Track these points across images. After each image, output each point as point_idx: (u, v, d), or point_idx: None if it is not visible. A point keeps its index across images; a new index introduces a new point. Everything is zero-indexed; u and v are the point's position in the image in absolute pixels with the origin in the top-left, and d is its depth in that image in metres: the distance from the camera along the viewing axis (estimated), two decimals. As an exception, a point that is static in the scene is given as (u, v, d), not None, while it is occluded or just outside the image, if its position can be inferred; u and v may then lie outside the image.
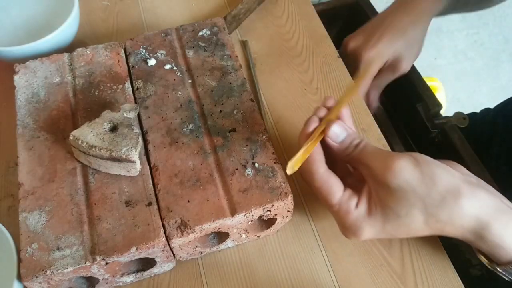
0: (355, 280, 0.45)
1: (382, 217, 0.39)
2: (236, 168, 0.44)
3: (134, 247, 0.39)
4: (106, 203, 0.42)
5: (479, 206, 0.37)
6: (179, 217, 0.41)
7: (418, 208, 0.37)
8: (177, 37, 0.54)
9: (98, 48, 0.53)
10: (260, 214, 0.42)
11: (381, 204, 0.38)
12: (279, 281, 0.45)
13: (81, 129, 0.43)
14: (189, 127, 0.47)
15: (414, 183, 0.37)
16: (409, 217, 0.38)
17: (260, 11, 0.66)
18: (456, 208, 0.36)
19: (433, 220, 0.37)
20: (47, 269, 0.38)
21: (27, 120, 0.47)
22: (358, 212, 0.39)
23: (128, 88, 0.50)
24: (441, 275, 0.45)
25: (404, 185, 0.37)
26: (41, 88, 0.49)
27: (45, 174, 0.44)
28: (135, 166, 0.43)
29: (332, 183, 0.40)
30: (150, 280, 0.46)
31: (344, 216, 0.40)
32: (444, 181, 0.37)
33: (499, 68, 1.64)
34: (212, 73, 0.51)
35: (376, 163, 0.39)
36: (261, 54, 0.62)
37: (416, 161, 0.37)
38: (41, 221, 0.41)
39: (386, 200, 0.38)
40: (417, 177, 0.37)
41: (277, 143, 0.54)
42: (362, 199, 0.40)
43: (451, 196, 0.36)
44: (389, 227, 0.39)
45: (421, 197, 0.37)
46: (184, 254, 0.44)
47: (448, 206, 0.37)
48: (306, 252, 0.47)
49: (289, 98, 0.58)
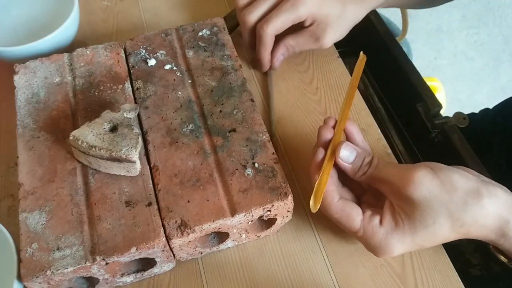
0: (355, 280, 0.45)
1: (410, 230, 0.39)
2: (236, 168, 0.44)
3: (134, 247, 0.39)
4: (106, 203, 0.42)
5: (499, 204, 0.38)
6: (179, 217, 0.41)
7: (443, 216, 0.38)
8: (177, 37, 0.54)
9: (98, 48, 0.53)
10: (260, 214, 0.42)
11: (407, 217, 0.39)
12: (279, 281, 0.45)
13: (81, 129, 0.43)
14: (189, 127, 0.47)
15: (436, 192, 0.37)
16: (436, 225, 0.38)
17: (260, 11, 0.66)
18: (478, 209, 0.37)
19: (459, 224, 0.38)
20: (47, 269, 0.38)
21: (27, 120, 0.47)
22: (384, 230, 0.39)
23: (128, 88, 0.50)
24: (441, 275, 0.45)
25: (427, 195, 0.37)
26: (41, 88, 0.49)
27: (45, 174, 0.44)
28: (135, 166, 0.43)
29: (350, 210, 0.41)
30: (150, 280, 0.46)
31: (371, 237, 0.40)
32: (463, 185, 0.38)
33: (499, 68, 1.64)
34: (212, 73, 0.51)
35: (395, 179, 0.39)
36: (261, 54, 0.62)
37: (433, 170, 0.38)
38: (41, 221, 0.41)
39: (411, 213, 0.38)
40: (437, 185, 0.38)
41: (277, 143, 0.54)
42: (385, 216, 0.40)
43: (472, 198, 0.37)
44: (418, 238, 0.39)
45: (444, 204, 0.37)
46: (184, 254, 0.44)
47: (471, 208, 0.37)
48: (306, 252, 0.47)
49: (289, 98, 0.58)
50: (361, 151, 0.42)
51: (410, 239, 0.39)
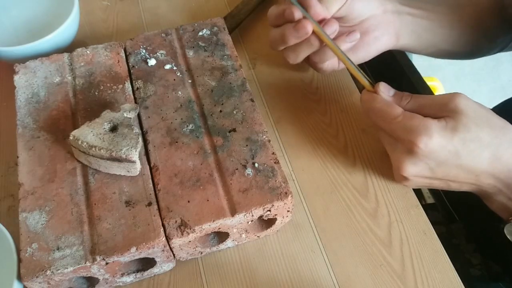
0: (355, 280, 0.45)
1: (452, 129, 0.40)
2: (236, 168, 0.44)
3: (134, 247, 0.39)
4: (106, 203, 0.42)
5: None
6: (179, 217, 0.41)
7: (485, 130, 0.40)
8: (177, 37, 0.54)
9: (98, 48, 0.53)
10: (260, 214, 0.42)
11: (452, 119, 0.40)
12: (279, 281, 0.45)
13: (81, 129, 0.43)
14: (189, 127, 0.47)
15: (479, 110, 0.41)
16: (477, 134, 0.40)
17: (260, 11, 0.66)
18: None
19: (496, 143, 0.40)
20: (47, 269, 0.38)
21: (27, 120, 0.47)
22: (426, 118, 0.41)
23: (128, 88, 0.50)
24: (441, 275, 0.45)
25: (472, 108, 0.40)
26: (41, 88, 0.49)
27: (45, 174, 0.44)
28: (135, 166, 0.43)
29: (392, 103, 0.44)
30: (150, 280, 0.46)
31: (412, 118, 0.41)
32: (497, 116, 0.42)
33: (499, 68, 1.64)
34: (212, 73, 0.51)
35: (440, 96, 0.42)
36: (261, 54, 0.62)
37: None
38: (41, 221, 0.41)
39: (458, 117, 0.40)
40: (480, 107, 0.41)
41: (277, 143, 0.54)
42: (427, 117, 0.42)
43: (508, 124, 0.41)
44: (457, 140, 0.40)
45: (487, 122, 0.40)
46: (184, 254, 0.44)
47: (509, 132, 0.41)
48: (306, 252, 0.47)
49: (289, 98, 0.58)
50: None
51: (450, 134, 0.40)
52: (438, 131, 0.40)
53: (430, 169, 0.42)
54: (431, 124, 0.40)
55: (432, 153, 0.40)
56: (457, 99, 0.40)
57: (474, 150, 0.40)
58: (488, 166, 0.40)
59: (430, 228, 0.48)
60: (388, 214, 0.49)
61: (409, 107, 0.43)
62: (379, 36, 0.52)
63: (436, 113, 0.41)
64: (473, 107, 0.40)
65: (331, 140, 0.54)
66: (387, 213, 0.49)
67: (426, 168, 0.42)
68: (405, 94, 0.44)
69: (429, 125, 0.40)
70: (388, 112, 0.43)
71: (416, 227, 0.48)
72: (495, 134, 0.40)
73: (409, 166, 0.42)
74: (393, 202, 0.49)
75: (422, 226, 0.48)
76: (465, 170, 0.41)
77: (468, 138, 0.40)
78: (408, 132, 0.41)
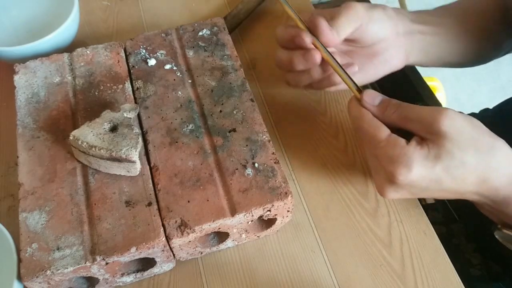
0: (355, 280, 0.45)
1: (434, 157, 0.38)
2: (236, 168, 0.44)
3: (134, 247, 0.39)
4: (106, 203, 0.42)
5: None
6: (179, 217, 0.41)
7: (470, 153, 0.38)
8: (177, 37, 0.54)
9: (98, 48, 0.53)
10: (260, 214, 0.42)
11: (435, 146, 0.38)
12: (279, 281, 0.45)
13: (81, 129, 0.43)
14: (189, 127, 0.47)
15: (467, 129, 0.38)
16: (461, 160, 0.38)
17: (260, 11, 0.66)
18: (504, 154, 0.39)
19: (482, 166, 0.38)
20: (47, 269, 0.38)
21: (27, 120, 0.47)
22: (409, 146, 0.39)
23: (128, 88, 0.50)
24: (441, 275, 0.45)
25: (459, 130, 0.38)
26: (41, 88, 0.49)
27: (45, 174, 0.44)
28: (135, 166, 0.43)
29: (380, 124, 0.41)
30: (150, 280, 0.46)
31: (394, 146, 0.39)
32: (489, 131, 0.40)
33: (499, 68, 1.64)
34: (212, 73, 0.51)
35: (426, 115, 0.39)
36: (261, 54, 0.62)
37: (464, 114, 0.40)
38: (41, 221, 0.41)
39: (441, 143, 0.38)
40: (468, 125, 0.39)
41: (277, 143, 0.54)
42: (412, 141, 0.40)
43: (498, 143, 0.39)
44: (439, 168, 0.38)
45: (474, 143, 0.38)
46: (184, 254, 0.44)
47: (497, 153, 0.39)
48: (306, 252, 0.47)
49: (289, 98, 0.58)
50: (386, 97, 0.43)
51: (432, 164, 0.38)
52: (419, 161, 0.38)
53: (412, 194, 0.41)
54: (412, 154, 0.38)
55: (413, 182, 0.39)
56: (441, 119, 0.38)
57: (458, 176, 0.39)
58: (474, 188, 0.39)
59: (430, 228, 0.48)
60: (388, 214, 0.49)
61: (395, 118, 0.41)
62: (388, 58, 0.50)
63: (420, 130, 0.40)
64: (458, 128, 0.38)
65: (331, 140, 0.54)
66: (387, 213, 0.49)
67: (408, 194, 0.41)
68: (391, 103, 0.42)
69: (410, 155, 0.38)
70: (373, 135, 0.41)
71: (416, 227, 0.48)
72: (482, 157, 0.38)
73: (390, 192, 0.41)
74: (393, 202, 0.49)
75: (422, 226, 0.48)
76: (450, 192, 0.40)
77: (452, 165, 0.38)
78: (389, 161, 0.39)
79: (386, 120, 0.42)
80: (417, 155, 0.38)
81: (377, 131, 0.41)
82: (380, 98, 0.43)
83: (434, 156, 0.38)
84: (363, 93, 0.43)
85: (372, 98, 0.43)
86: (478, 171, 0.38)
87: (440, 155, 0.38)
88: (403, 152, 0.39)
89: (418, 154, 0.38)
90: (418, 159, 0.38)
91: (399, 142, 0.39)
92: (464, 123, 0.38)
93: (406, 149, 0.39)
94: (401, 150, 0.39)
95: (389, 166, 0.39)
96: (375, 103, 0.42)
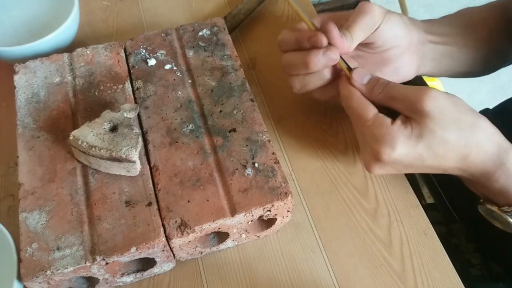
0: (355, 280, 0.45)
1: (417, 136, 0.40)
2: (236, 168, 0.44)
3: (134, 247, 0.39)
4: (106, 203, 0.42)
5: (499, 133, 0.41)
6: (179, 217, 0.41)
7: (451, 131, 0.39)
8: (177, 37, 0.54)
9: (98, 48, 0.53)
10: (260, 214, 0.42)
11: (418, 125, 0.40)
12: (279, 281, 0.45)
13: (81, 129, 0.43)
14: (189, 127, 0.47)
15: (449, 108, 0.40)
16: (442, 138, 0.39)
17: (260, 11, 0.66)
18: (483, 132, 0.40)
19: (463, 143, 0.40)
20: (47, 269, 0.38)
21: (27, 120, 0.47)
22: (393, 126, 0.41)
23: (128, 88, 0.50)
24: (441, 275, 0.45)
25: (441, 109, 0.39)
26: (41, 88, 0.49)
27: (45, 174, 0.44)
28: (135, 166, 0.43)
29: (368, 103, 0.43)
30: (150, 280, 0.46)
31: (379, 126, 0.41)
32: (471, 109, 0.41)
33: (499, 68, 1.63)
34: (212, 73, 0.51)
35: (410, 94, 0.41)
36: (261, 54, 0.62)
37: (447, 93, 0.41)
38: (41, 221, 0.41)
39: (423, 122, 0.40)
40: (450, 103, 0.40)
41: (277, 143, 0.54)
42: (396, 120, 0.41)
43: (479, 121, 0.40)
44: (421, 147, 0.40)
45: (455, 121, 0.40)
46: (184, 254, 0.44)
47: (478, 130, 0.40)
48: (306, 252, 0.47)
49: (289, 98, 0.58)
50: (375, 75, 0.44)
51: (414, 143, 0.40)
52: (402, 140, 0.40)
53: (397, 170, 0.43)
54: (396, 133, 0.40)
55: (396, 160, 0.41)
56: (424, 99, 0.39)
57: (440, 153, 0.40)
58: (455, 164, 0.41)
59: (430, 228, 0.48)
60: (388, 214, 0.49)
61: (381, 96, 0.42)
62: (400, 67, 0.50)
63: (404, 109, 0.41)
64: (440, 107, 0.39)
65: (331, 140, 0.54)
66: (387, 213, 0.49)
67: (393, 170, 0.43)
68: (379, 82, 0.43)
69: (393, 135, 0.40)
70: (361, 114, 0.42)
71: (416, 227, 0.48)
72: (463, 134, 0.40)
73: (376, 169, 0.43)
74: (393, 202, 0.49)
75: (422, 226, 0.48)
76: (433, 168, 0.42)
77: (434, 143, 0.40)
78: (374, 140, 0.41)
79: (374, 98, 0.43)
80: (401, 134, 0.40)
81: (364, 110, 0.42)
82: (368, 77, 0.44)
83: (417, 135, 0.40)
84: (352, 71, 0.44)
85: (361, 77, 0.44)
86: (459, 147, 0.40)
87: (422, 134, 0.40)
88: (387, 131, 0.40)
89: (402, 133, 0.40)
90: (401, 138, 0.40)
91: (385, 121, 0.41)
92: (446, 102, 0.40)
93: (391, 129, 0.40)
94: (386, 129, 0.40)
95: (374, 144, 0.41)
96: (364, 82, 0.44)
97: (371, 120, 0.41)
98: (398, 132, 0.40)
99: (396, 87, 0.42)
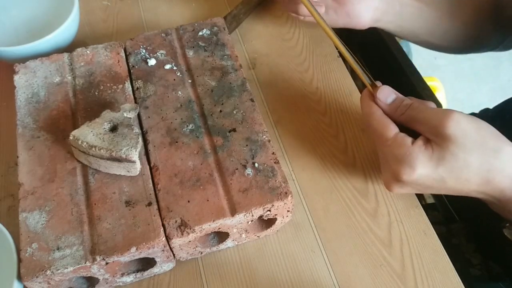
0: (355, 280, 0.45)
1: (438, 158, 0.39)
2: (236, 168, 0.44)
3: (134, 247, 0.39)
4: (106, 203, 0.42)
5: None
6: (179, 217, 0.41)
7: (474, 156, 0.39)
8: (177, 37, 0.54)
9: (98, 48, 0.53)
10: (260, 214, 0.42)
11: (440, 148, 0.39)
12: (279, 281, 0.45)
13: (81, 129, 0.43)
14: (189, 127, 0.47)
15: (472, 132, 0.39)
16: (465, 162, 0.39)
17: (260, 11, 0.66)
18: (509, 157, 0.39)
19: (486, 168, 0.39)
20: (47, 269, 0.38)
21: (27, 120, 0.47)
22: (414, 146, 0.40)
23: (128, 88, 0.50)
24: (441, 275, 0.45)
25: (464, 133, 0.39)
26: (41, 88, 0.49)
27: (45, 174, 0.44)
28: (135, 166, 0.43)
29: (389, 122, 0.42)
30: (150, 280, 0.46)
31: (400, 146, 0.41)
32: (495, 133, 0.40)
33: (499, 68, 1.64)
34: (212, 73, 0.51)
35: (433, 117, 0.40)
36: (261, 54, 0.62)
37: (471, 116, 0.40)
38: (41, 221, 0.41)
39: (445, 145, 0.39)
40: (474, 128, 0.39)
41: (277, 143, 0.54)
42: (417, 141, 0.41)
43: (504, 145, 0.39)
44: (442, 170, 0.39)
45: (478, 146, 0.39)
46: (184, 254, 0.44)
47: (502, 155, 0.39)
48: (306, 252, 0.47)
49: (289, 98, 0.58)
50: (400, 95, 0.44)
51: (435, 165, 0.39)
52: (422, 161, 0.39)
53: (418, 190, 0.43)
54: (416, 154, 0.40)
55: (417, 181, 0.40)
56: (446, 123, 0.39)
57: (462, 177, 0.39)
58: (478, 188, 0.40)
59: (430, 228, 0.48)
60: (388, 214, 0.49)
61: (403, 118, 0.42)
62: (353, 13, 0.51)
63: (426, 132, 0.41)
64: (464, 131, 0.39)
65: (331, 140, 0.54)
66: (387, 213, 0.49)
67: (413, 190, 0.43)
68: (403, 103, 0.43)
69: (414, 155, 0.40)
70: (381, 133, 0.42)
71: (416, 227, 0.48)
72: (486, 159, 0.39)
73: (396, 188, 0.43)
74: (393, 202, 0.49)
75: (422, 226, 0.48)
76: (455, 191, 0.41)
77: (456, 167, 0.39)
78: (395, 160, 0.41)
79: (395, 119, 0.43)
80: (421, 155, 0.39)
81: (385, 130, 0.42)
82: (393, 97, 0.44)
83: (438, 157, 0.39)
84: (378, 90, 0.44)
85: (385, 97, 0.44)
86: (482, 172, 0.39)
87: (444, 156, 0.39)
88: (408, 152, 0.40)
89: (422, 154, 0.39)
90: (422, 160, 0.39)
91: (405, 141, 0.40)
92: (469, 126, 0.39)
93: (411, 149, 0.40)
94: (407, 150, 0.40)
95: (394, 164, 0.41)
96: (388, 102, 0.44)
97: (392, 140, 0.41)
98: (419, 152, 0.39)
99: (418, 109, 0.42)
